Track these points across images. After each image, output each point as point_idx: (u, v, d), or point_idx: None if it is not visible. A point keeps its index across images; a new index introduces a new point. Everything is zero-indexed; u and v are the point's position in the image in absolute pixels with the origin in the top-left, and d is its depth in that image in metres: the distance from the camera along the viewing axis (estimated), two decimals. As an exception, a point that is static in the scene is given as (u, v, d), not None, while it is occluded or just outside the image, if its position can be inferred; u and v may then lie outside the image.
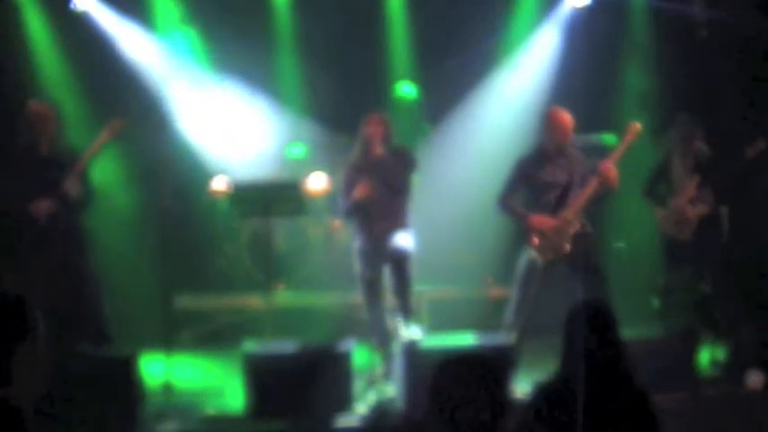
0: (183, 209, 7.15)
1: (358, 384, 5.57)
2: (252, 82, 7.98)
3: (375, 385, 5.72)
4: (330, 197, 7.42)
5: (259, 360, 5.34)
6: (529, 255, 5.84)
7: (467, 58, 7.92)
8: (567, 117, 5.91)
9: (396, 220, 5.88)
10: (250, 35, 7.81)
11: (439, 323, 6.71)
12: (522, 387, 5.43)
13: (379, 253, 5.86)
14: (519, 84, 8.19)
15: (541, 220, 5.81)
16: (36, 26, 7.46)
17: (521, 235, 5.95)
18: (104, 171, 6.66)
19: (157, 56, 7.84)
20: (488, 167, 6.82)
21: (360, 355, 5.68)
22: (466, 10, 8.07)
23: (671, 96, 7.52)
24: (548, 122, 5.95)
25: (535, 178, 5.91)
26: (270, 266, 6.20)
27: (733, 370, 6.00)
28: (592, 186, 5.83)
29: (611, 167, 5.79)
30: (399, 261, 5.82)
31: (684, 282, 6.45)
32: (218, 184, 7.63)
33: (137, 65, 7.77)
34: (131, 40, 7.77)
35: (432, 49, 8.03)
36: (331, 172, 7.61)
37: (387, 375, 5.80)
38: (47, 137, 5.84)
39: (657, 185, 6.56)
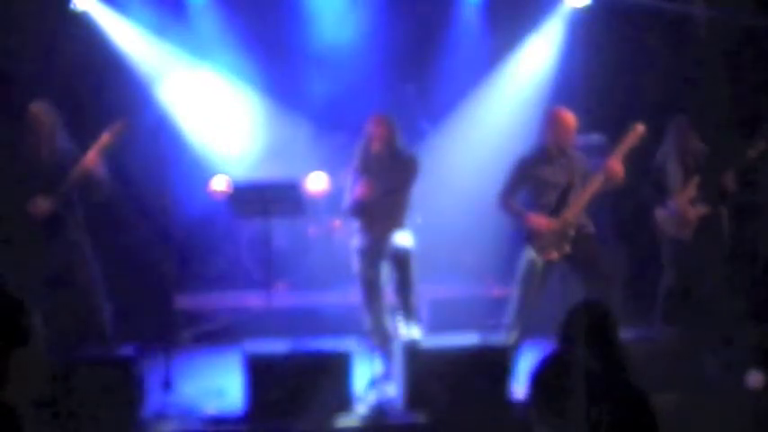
0: (182, 209, 7.15)
1: (358, 384, 5.57)
2: (252, 81, 7.98)
3: (375, 385, 5.72)
4: (331, 197, 7.43)
5: (259, 360, 5.34)
6: (529, 254, 5.84)
7: (466, 58, 7.94)
8: (570, 117, 5.90)
9: (395, 220, 5.88)
10: (250, 33, 7.82)
11: (439, 323, 6.72)
12: (522, 387, 5.43)
13: (378, 252, 5.86)
14: (519, 84, 8.19)
15: (540, 221, 5.80)
16: (36, 26, 7.45)
17: (521, 235, 5.94)
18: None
19: (157, 55, 7.84)
20: (488, 167, 6.81)
21: (360, 356, 5.68)
22: (466, 9, 8.09)
23: (670, 96, 7.52)
24: (551, 122, 5.94)
25: (536, 177, 5.90)
26: (270, 266, 6.20)
27: (733, 370, 6.00)
28: (593, 187, 5.82)
29: (616, 164, 5.78)
30: (402, 260, 5.83)
31: (685, 282, 6.45)
32: (218, 184, 7.64)
33: (136, 64, 7.78)
34: (131, 40, 7.77)
35: (432, 49, 8.03)
36: (331, 172, 7.62)
37: (387, 375, 5.80)
38: (47, 139, 5.83)
39: (657, 186, 6.56)
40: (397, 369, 5.59)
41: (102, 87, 7.47)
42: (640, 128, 5.84)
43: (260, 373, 5.30)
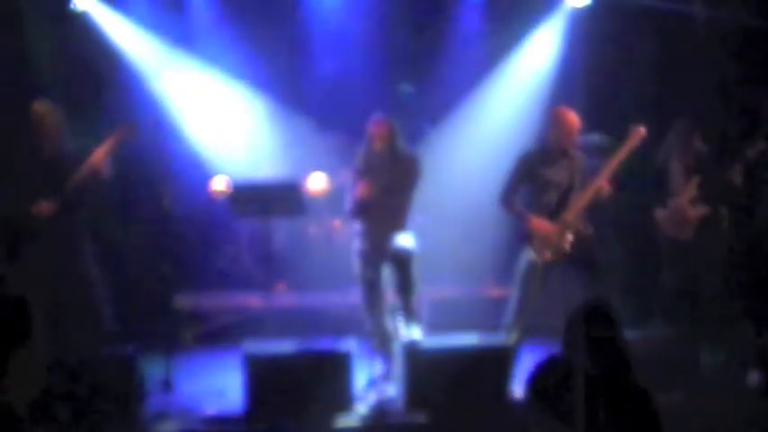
0: (182, 208, 7.15)
1: (358, 384, 5.57)
2: (252, 80, 7.98)
3: (375, 385, 5.72)
4: (331, 197, 7.44)
5: (259, 360, 5.34)
6: (529, 255, 5.83)
7: (467, 58, 7.94)
8: (573, 117, 5.88)
9: (396, 221, 5.88)
10: (250, 32, 7.83)
11: (439, 323, 6.72)
12: (521, 387, 5.43)
13: (379, 253, 5.86)
14: (519, 84, 8.19)
15: (541, 224, 5.79)
16: (36, 26, 7.45)
17: (521, 235, 5.94)
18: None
19: (156, 54, 7.84)
20: (488, 167, 6.82)
21: (360, 356, 5.68)
22: (466, 9, 8.09)
23: (671, 96, 7.52)
24: (554, 122, 5.93)
25: (538, 176, 5.88)
26: (270, 266, 6.20)
27: (733, 370, 6.01)
28: (588, 194, 5.81)
29: (605, 184, 5.77)
30: (403, 261, 5.83)
31: (685, 282, 6.45)
32: (218, 184, 7.64)
33: (136, 64, 7.78)
34: (131, 40, 7.77)
35: (432, 49, 8.04)
36: (331, 172, 7.62)
37: (387, 375, 5.80)
38: (49, 138, 5.82)
39: (657, 186, 6.56)
40: (397, 369, 5.59)
41: (102, 87, 7.47)
42: (641, 130, 5.81)
43: (260, 373, 5.30)
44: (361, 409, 5.43)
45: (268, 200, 5.92)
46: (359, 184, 5.88)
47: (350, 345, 5.49)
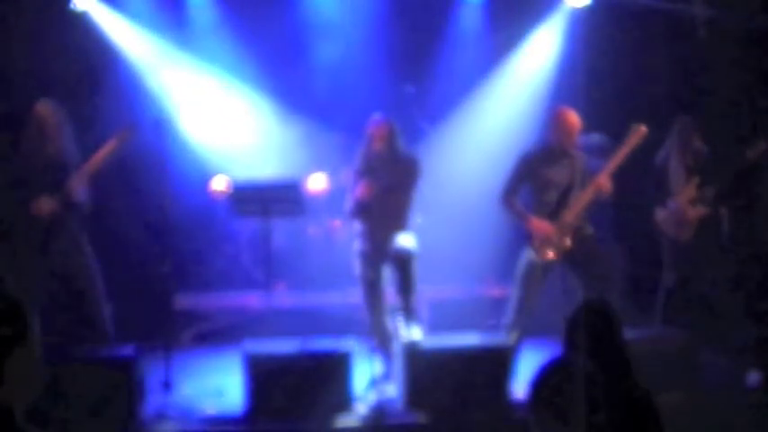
0: (182, 208, 7.14)
1: (358, 384, 5.57)
2: (252, 80, 7.98)
3: (375, 385, 5.72)
4: (331, 197, 7.43)
5: (259, 360, 5.34)
6: (529, 255, 5.84)
7: (466, 58, 7.93)
8: (574, 117, 5.88)
9: (396, 221, 5.89)
10: (250, 32, 7.83)
11: (439, 323, 6.72)
12: (521, 387, 5.44)
13: (379, 253, 5.87)
14: (519, 84, 8.19)
15: (541, 225, 5.79)
16: (36, 26, 7.45)
17: (521, 234, 5.95)
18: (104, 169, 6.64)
19: (156, 54, 7.84)
20: (488, 167, 6.82)
21: (360, 356, 5.68)
22: (466, 9, 8.08)
23: (670, 96, 7.52)
24: (555, 122, 5.93)
25: (539, 175, 5.89)
26: (270, 266, 6.20)
27: (733, 370, 6.01)
28: (588, 194, 5.81)
29: (605, 182, 5.78)
30: (404, 261, 5.83)
31: (684, 282, 6.45)
32: (218, 184, 7.63)
33: (136, 63, 7.78)
34: (131, 40, 7.77)
35: (432, 49, 8.03)
36: (331, 172, 7.61)
37: (387, 375, 5.80)
38: (51, 138, 5.81)
39: (657, 186, 6.56)
40: (398, 369, 5.59)
41: (102, 87, 7.47)
42: (642, 129, 5.82)
43: (260, 373, 5.30)
44: (361, 409, 5.43)
45: (268, 200, 5.92)
46: (359, 184, 5.89)
47: (350, 345, 5.50)
